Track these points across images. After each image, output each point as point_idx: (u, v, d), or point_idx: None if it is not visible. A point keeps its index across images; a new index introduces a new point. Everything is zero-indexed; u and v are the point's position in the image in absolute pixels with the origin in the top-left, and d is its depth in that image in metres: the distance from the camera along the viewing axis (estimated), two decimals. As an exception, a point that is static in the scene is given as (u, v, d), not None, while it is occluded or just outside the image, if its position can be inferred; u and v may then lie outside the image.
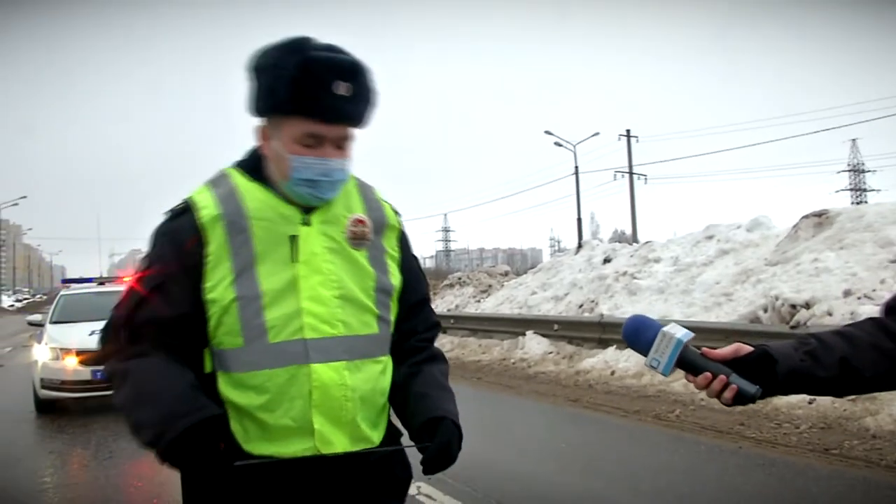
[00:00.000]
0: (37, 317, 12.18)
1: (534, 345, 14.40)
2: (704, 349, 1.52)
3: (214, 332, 1.70)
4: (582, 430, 8.60)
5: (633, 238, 37.36)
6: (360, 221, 1.81)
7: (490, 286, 23.04)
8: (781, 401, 8.67)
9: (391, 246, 1.89)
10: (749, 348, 1.49)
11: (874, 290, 10.46)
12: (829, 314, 10.21)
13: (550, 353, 13.89)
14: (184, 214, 1.71)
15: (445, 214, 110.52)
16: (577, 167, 41.18)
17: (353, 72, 1.67)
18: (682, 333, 1.49)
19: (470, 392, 11.66)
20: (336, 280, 1.74)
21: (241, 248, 1.68)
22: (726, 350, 1.50)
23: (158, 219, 1.78)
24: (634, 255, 16.40)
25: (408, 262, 1.94)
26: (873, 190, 75.33)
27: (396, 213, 1.96)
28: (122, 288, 9.86)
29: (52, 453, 7.81)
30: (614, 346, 12.42)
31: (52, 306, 11.87)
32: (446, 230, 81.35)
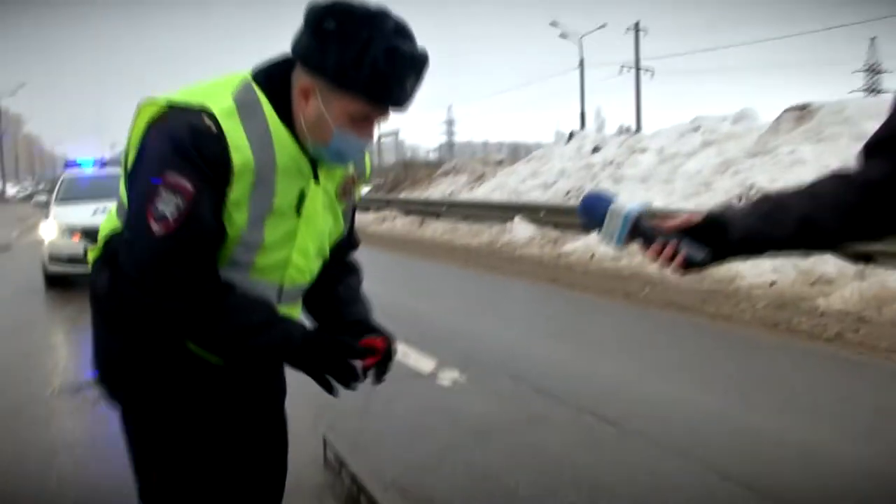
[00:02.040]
0: (42, 197, 12.50)
1: (521, 229, 14.86)
2: (657, 221, 1.53)
3: None
4: (556, 305, 9.15)
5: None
6: (353, 181, 1.85)
7: (483, 174, 23.35)
8: (744, 281, 9.20)
9: (358, 195, 1.93)
10: (699, 217, 1.48)
11: (843, 181, 10.81)
12: (799, 203, 10.60)
13: (535, 237, 14.37)
14: (211, 137, 1.54)
15: (449, 106, 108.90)
16: (581, 59, 40.66)
17: (424, 63, 1.62)
18: (631, 206, 1.52)
19: (457, 272, 12.24)
20: (321, 235, 1.80)
21: (261, 199, 1.63)
22: (678, 219, 1.50)
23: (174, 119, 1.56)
24: (622, 146, 16.67)
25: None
26: (889, 92, 73.56)
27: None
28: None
29: (65, 319, 8.34)
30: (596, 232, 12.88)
31: (57, 186, 12.19)
32: (450, 122, 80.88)
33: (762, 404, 4.85)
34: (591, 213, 1.58)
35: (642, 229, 1.51)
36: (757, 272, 9.27)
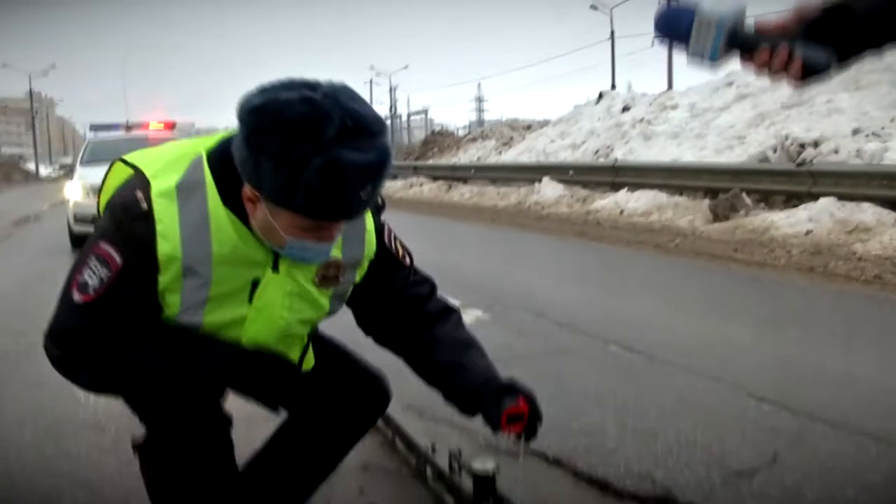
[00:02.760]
0: (68, 159, 12.52)
1: (548, 190, 14.63)
2: (759, 21, 1.24)
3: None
4: (583, 256, 8.95)
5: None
6: (335, 265, 1.68)
7: (511, 138, 23.08)
8: (778, 231, 8.92)
9: (361, 274, 1.79)
10: (815, 8, 1.20)
11: (883, 128, 10.43)
12: (836, 152, 10.26)
13: (564, 196, 14.13)
14: (143, 220, 1.50)
15: (479, 83, 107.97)
16: (612, 31, 39.83)
17: (381, 169, 1.42)
18: (724, 10, 1.22)
19: (483, 230, 12.07)
20: (284, 326, 1.69)
21: (195, 287, 1.55)
22: (787, 17, 1.21)
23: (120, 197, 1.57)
24: (653, 104, 16.29)
25: (379, 269, 1.82)
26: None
27: (377, 219, 1.79)
28: (146, 133, 9.93)
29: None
30: (626, 189, 12.64)
31: (82, 149, 12.23)
32: (479, 100, 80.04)
33: (797, 337, 4.64)
34: (674, 26, 1.27)
35: (741, 36, 1.21)
36: (791, 222, 8.99)
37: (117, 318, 1.52)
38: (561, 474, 2.74)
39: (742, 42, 1.21)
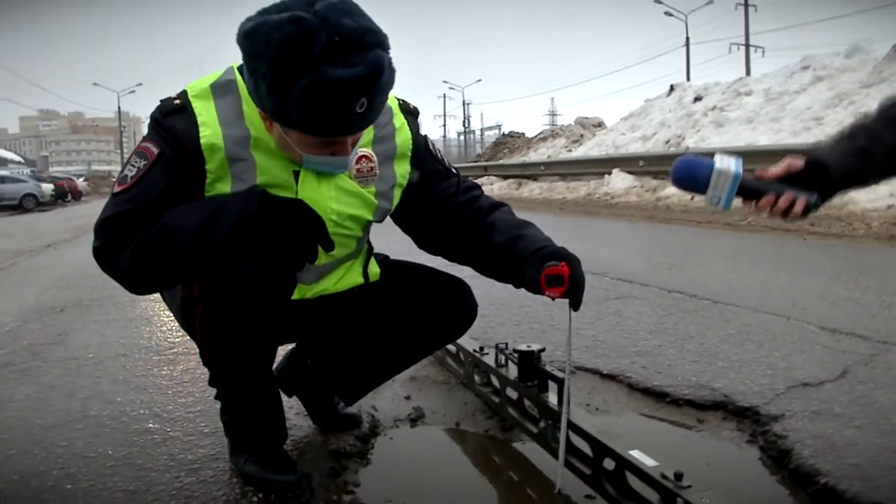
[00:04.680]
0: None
1: (618, 181, 14.37)
2: (757, 172, 1.46)
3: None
4: (650, 235, 8.71)
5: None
6: (366, 158, 1.67)
7: (582, 136, 22.80)
8: (857, 206, 8.52)
9: (402, 173, 1.78)
10: (800, 163, 1.44)
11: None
12: (920, 126, 9.75)
13: (634, 187, 13.85)
14: (182, 114, 1.53)
15: (552, 98, 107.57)
16: (687, 38, 38.88)
17: (372, 82, 1.37)
18: (735, 165, 1.42)
19: (551, 217, 11.89)
20: (336, 219, 1.68)
21: (244, 174, 1.56)
22: (778, 168, 1.45)
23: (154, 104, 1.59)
24: (727, 91, 15.83)
25: (426, 176, 1.83)
26: None
27: (412, 121, 1.79)
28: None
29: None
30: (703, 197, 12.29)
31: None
32: (553, 114, 79.23)
33: (872, 285, 4.38)
34: (693, 178, 1.45)
35: (748, 185, 1.42)
36: (871, 197, 8.57)
37: (153, 203, 1.52)
38: (615, 386, 2.63)
39: (748, 190, 1.42)
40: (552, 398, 1.91)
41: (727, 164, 1.42)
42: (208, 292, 1.63)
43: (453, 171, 1.88)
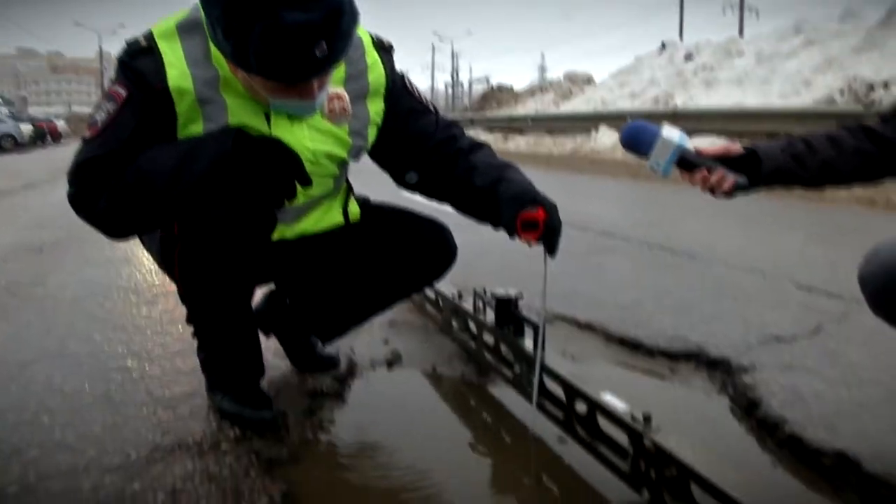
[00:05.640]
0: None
1: (605, 138, 14.33)
2: (696, 147, 1.55)
3: None
4: (633, 193, 8.74)
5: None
6: (338, 97, 1.63)
7: (570, 91, 22.67)
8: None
9: (376, 111, 1.77)
10: (739, 148, 1.55)
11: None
12: (907, 92, 9.79)
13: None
14: (148, 55, 1.50)
15: (542, 53, 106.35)
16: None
17: (330, 25, 1.34)
18: (678, 137, 1.52)
19: (535, 173, 11.85)
20: (311, 158, 1.67)
21: (215, 115, 1.55)
22: (717, 148, 1.56)
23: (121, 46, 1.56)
24: (718, 51, 15.76)
25: (402, 113, 1.81)
26: None
27: (385, 58, 1.76)
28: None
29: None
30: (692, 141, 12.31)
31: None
32: (542, 69, 78.29)
33: (850, 245, 4.41)
34: (638, 141, 1.55)
35: (687, 157, 1.52)
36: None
37: (124, 146, 1.50)
38: (591, 336, 2.67)
39: (687, 162, 1.52)
40: (528, 344, 1.94)
41: (671, 135, 1.52)
42: (187, 231, 1.63)
43: (431, 108, 1.87)
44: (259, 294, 2.07)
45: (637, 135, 1.55)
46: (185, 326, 2.13)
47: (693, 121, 12.79)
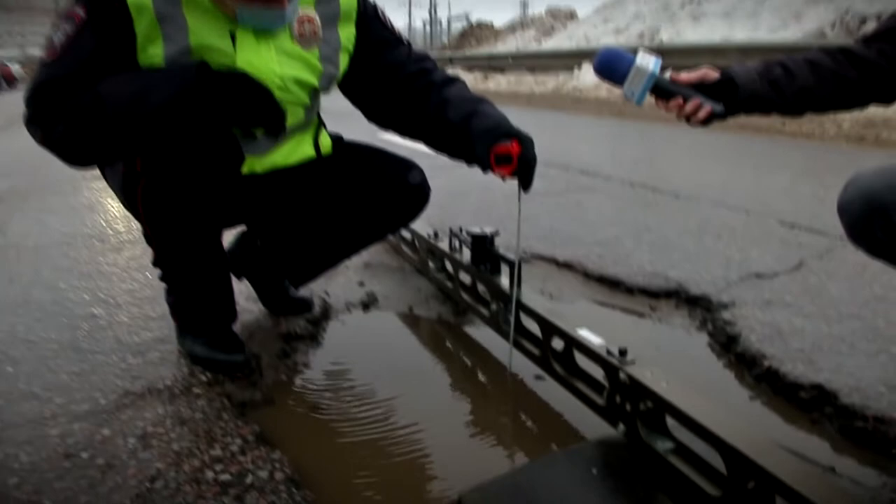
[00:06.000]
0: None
1: (588, 75, 14.21)
2: (672, 74, 1.55)
3: None
4: (617, 132, 8.74)
5: None
6: (308, 19, 1.65)
7: (552, 27, 22.42)
8: (830, 106, 8.61)
9: (347, 37, 1.77)
10: (715, 74, 1.53)
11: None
12: (899, 23, 9.77)
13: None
14: None
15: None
16: None
17: None
18: (653, 64, 1.52)
19: (516, 111, 11.81)
20: (279, 84, 1.66)
21: (175, 35, 1.52)
22: (693, 75, 1.55)
23: None
24: (704, -17, 15.60)
25: (373, 42, 1.82)
26: None
27: None
28: None
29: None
30: (670, 70, 12.23)
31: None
32: (524, 5, 77.00)
33: (837, 183, 4.47)
34: (613, 69, 1.54)
35: (662, 85, 1.53)
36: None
37: (83, 68, 1.48)
38: (570, 274, 2.71)
39: (662, 89, 1.52)
40: (504, 282, 1.97)
41: (646, 62, 1.52)
42: (151, 166, 1.62)
43: (404, 41, 1.88)
44: (229, 237, 2.08)
45: (611, 62, 1.55)
46: (152, 273, 2.14)
47: (679, 56, 12.71)
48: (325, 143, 1.94)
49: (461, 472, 1.46)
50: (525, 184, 1.68)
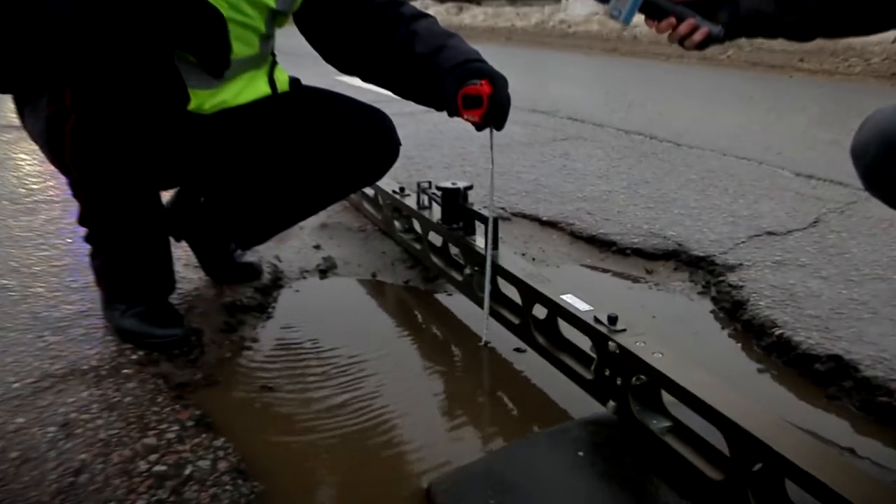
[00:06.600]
0: None
1: (577, 6, 14.20)
2: None
3: None
4: (610, 70, 8.75)
5: None
6: None
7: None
8: (857, 39, 8.65)
9: None
10: None
11: None
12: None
13: (596, 14, 13.69)
14: None
15: None
16: None
17: None
18: None
19: (495, 49, 11.77)
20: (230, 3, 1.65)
21: None
22: None
23: None
24: None
25: None
26: None
27: None
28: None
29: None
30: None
31: None
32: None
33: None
34: None
35: (653, 4, 1.51)
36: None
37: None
38: (556, 234, 2.72)
39: (653, 8, 1.51)
40: (479, 242, 1.97)
41: None
42: (83, 101, 1.59)
43: None
44: (167, 196, 2.06)
45: None
46: (73, 238, 2.12)
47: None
48: (282, 78, 1.93)
49: (431, 458, 1.48)
50: (497, 126, 1.68)
